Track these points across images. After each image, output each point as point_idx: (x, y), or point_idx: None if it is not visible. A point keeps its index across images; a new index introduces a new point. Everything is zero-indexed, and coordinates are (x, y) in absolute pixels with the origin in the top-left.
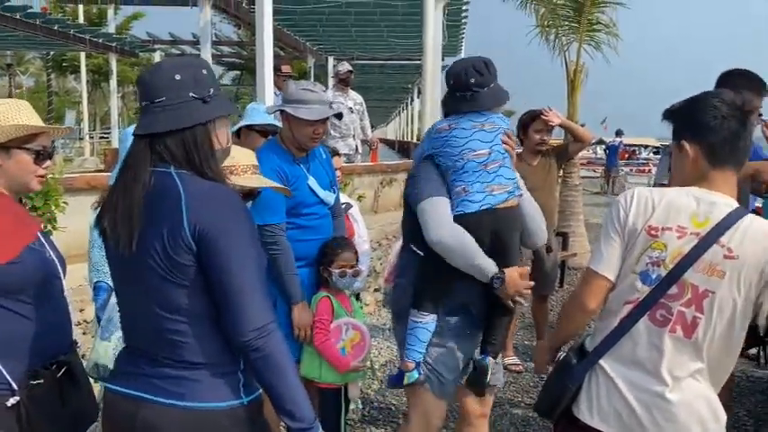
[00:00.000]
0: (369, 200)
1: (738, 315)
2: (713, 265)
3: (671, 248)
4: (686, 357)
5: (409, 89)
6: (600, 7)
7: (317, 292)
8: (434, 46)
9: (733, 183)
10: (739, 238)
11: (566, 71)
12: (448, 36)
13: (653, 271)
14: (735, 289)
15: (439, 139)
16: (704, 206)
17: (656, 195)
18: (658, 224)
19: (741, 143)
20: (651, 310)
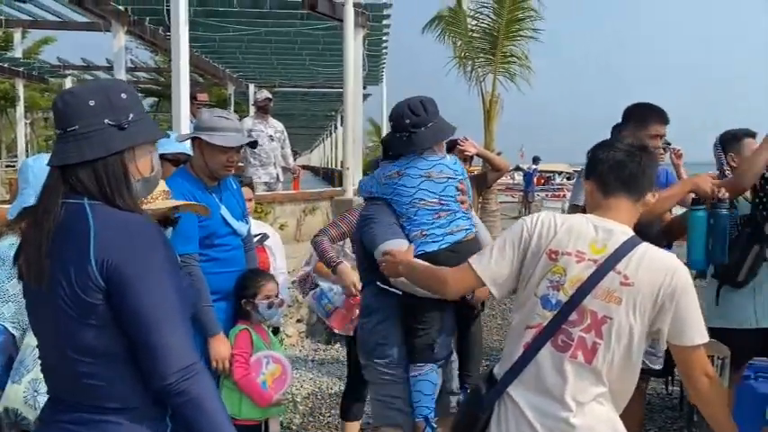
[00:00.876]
0: (291, 228)
1: (635, 340)
2: (610, 291)
3: (570, 273)
4: (588, 382)
5: (333, 116)
6: (513, 40)
7: (233, 325)
8: (355, 75)
9: (628, 210)
10: (635, 266)
11: (482, 102)
12: (369, 65)
13: (553, 295)
14: (631, 315)
15: (389, 185)
16: (602, 233)
17: (559, 220)
18: (558, 248)
19: (628, 171)
20: (554, 336)
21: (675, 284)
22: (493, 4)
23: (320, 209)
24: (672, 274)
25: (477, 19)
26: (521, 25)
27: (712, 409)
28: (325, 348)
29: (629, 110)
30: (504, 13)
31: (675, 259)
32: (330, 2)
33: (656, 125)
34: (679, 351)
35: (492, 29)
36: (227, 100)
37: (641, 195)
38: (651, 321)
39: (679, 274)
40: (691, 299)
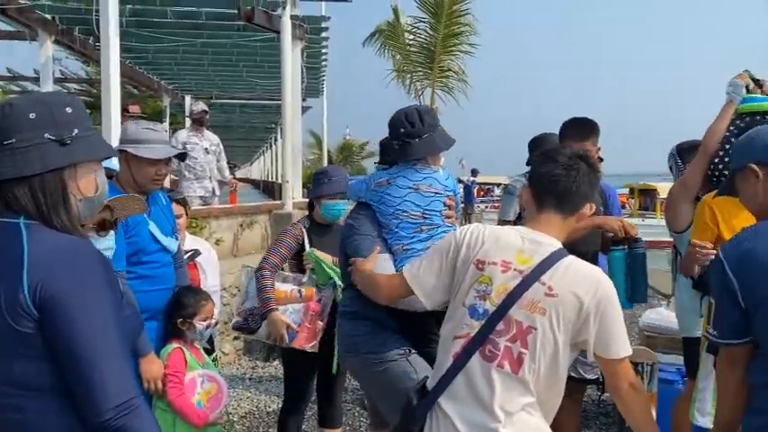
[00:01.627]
0: (227, 244)
1: (560, 351)
2: (535, 302)
3: (496, 283)
4: (516, 392)
5: (273, 129)
6: (450, 55)
7: (163, 345)
8: (293, 87)
9: (558, 225)
10: (559, 278)
11: None
12: (308, 78)
13: (480, 305)
14: (555, 326)
15: (377, 192)
16: (529, 244)
17: (488, 230)
18: (485, 258)
19: (561, 187)
20: (482, 346)
21: (600, 297)
22: (429, 19)
23: (258, 223)
24: (596, 286)
25: (414, 33)
26: (457, 40)
27: (636, 416)
28: (263, 366)
29: (566, 125)
30: (440, 28)
31: (600, 273)
32: (267, 14)
33: (593, 138)
34: (605, 363)
35: (429, 43)
36: (162, 112)
37: (573, 211)
38: (576, 333)
39: (603, 287)
40: (615, 312)
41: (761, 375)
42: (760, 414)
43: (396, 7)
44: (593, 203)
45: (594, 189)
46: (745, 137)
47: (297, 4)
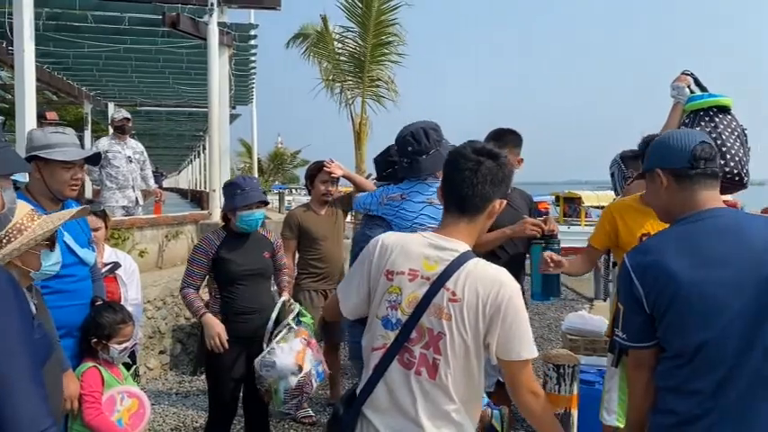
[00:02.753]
0: (152, 255)
1: (472, 354)
2: (441, 308)
3: (405, 292)
4: (437, 398)
5: (201, 137)
6: (379, 64)
7: (79, 363)
8: (221, 95)
9: (464, 229)
10: (462, 282)
11: (352, 123)
12: (236, 85)
13: (392, 315)
14: (462, 330)
15: (391, 207)
16: (435, 251)
17: (395, 239)
18: (393, 268)
19: (461, 193)
20: (399, 355)
21: (502, 298)
22: (357, 29)
23: (185, 233)
24: (498, 288)
25: (343, 42)
26: (386, 50)
27: (537, 419)
28: (190, 380)
29: (489, 136)
30: (368, 38)
31: (505, 274)
32: (193, 20)
33: (516, 149)
34: (506, 366)
35: (358, 53)
36: (83, 119)
37: (476, 213)
38: (483, 335)
39: (506, 289)
40: (518, 313)
41: (664, 378)
42: (664, 414)
43: (324, 16)
44: (502, 200)
45: (502, 185)
46: (660, 140)
47: (225, 11)
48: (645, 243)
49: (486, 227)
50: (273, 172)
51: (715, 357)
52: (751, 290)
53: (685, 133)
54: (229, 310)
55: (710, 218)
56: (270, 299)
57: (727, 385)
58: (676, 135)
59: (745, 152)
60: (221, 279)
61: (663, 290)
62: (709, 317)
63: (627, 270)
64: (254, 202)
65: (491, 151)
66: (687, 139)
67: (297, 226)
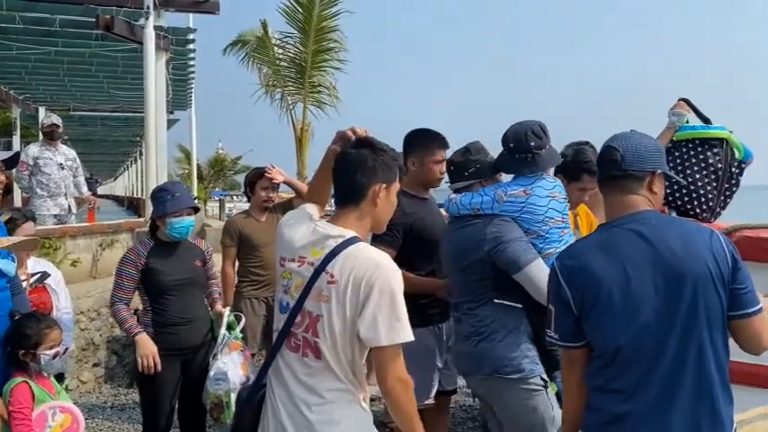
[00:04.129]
0: (86, 264)
1: (348, 336)
2: (320, 291)
3: (294, 278)
4: (323, 379)
5: (138, 142)
6: (320, 70)
7: (7, 379)
8: (158, 99)
9: (352, 216)
10: (340, 264)
11: (293, 129)
12: (174, 90)
13: (284, 299)
14: (339, 312)
15: (514, 203)
16: (323, 238)
17: (288, 228)
18: (286, 255)
19: (340, 185)
20: (288, 338)
21: (374, 281)
22: (298, 35)
23: (120, 242)
24: (373, 270)
25: (283, 48)
26: (327, 56)
27: (400, 412)
28: (126, 393)
29: (412, 137)
30: (309, 44)
31: (383, 258)
32: (128, 23)
33: (440, 150)
34: (373, 353)
35: (299, 58)
36: (12, 124)
37: (359, 200)
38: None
39: (380, 272)
40: (387, 298)
41: (592, 377)
42: (593, 412)
43: (264, 21)
44: (381, 183)
45: (377, 171)
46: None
47: (162, 15)
48: (571, 246)
49: (381, 212)
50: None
51: (633, 358)
52: (666, 292)
53: (609, 140)
54: (161, 322)
55: (631, 221)
56: (203, 309)
57: (645, 385)
58: (607, 143)
59: (719, 190)
60: (151, 290)
61: (587, 292)
62: (627, 319)
63: (555, 273)
64: (184, 207)
65: (370, 141)
66: (604, 146)
67: (237, 233)
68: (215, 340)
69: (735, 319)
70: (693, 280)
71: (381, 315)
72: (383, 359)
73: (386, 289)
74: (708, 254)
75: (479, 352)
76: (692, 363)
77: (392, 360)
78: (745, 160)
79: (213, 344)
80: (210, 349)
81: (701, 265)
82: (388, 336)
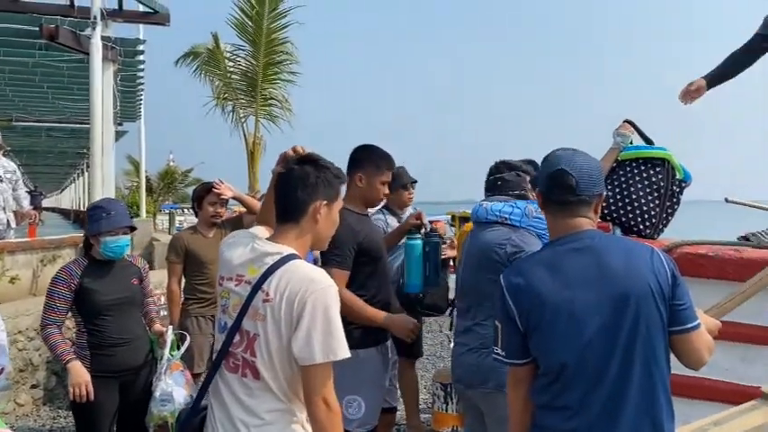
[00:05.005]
0: (25, 282)
1: (286, 354)
2: (257, 309)
3: (232, 297)
4: (262, 400)
5: (85, 154)
6: (272, 83)
7: None
8: (105, 111)
9: (292, 234)
10: (276, 282)
11: (245, 143)
12: (123, 101)
13: (223, 319)
14: (273, 330)
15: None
16: (260, 255)
17: (228, 247)
18: (224, 274)
19: (280, 204)
20: (226, 359)
21: (308, 298)
22: (249, 48)
23: (63, 257)
24: (307, 286)
25: (234, 61)
26: (278, 68)
27: None
28: (66, 415)
29: (361, 153)
30: (260, 57)
31: (320, 274)
32: (74, 33)
33: (389, 171)
34: (304, 372)
35: (251, 71)
36: None
37: (299, 217)
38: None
39: (314, 287)
40: (322, 315)
41: (538, 394)
42: (541, 430)
43: (215, 34)
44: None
45: (318, 188)
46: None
47: (109, 25)
48: (518, 263)
49: (322, 229)
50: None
51: (578, 375)
52: (609, 310)
53: (553, 159)
54: (97, 344)
55: (575, 241)
56: (141, 328)
57: (590, 401)
58: (547, 161)
59: (662, 207)
60: (86, 311)
61: (532, 309)
62: (572, 336)
63: (502, 290)
64: (119, 227)
65: (313, 158)
66: (548, 166)
67: (183, 249)
68: (155, 360)
69: (675, 334)
70: (636, 297)
71: (316, 332)
72: (313, 379)
73: (320, 305)
74: (649, 271)
75: (488, 366)
76: (635, 379)
77: (322, 381)
78: (685, 180)
79: (153, 364)
80: (151, 370)
81: (643, 282)
82: (323, 353)
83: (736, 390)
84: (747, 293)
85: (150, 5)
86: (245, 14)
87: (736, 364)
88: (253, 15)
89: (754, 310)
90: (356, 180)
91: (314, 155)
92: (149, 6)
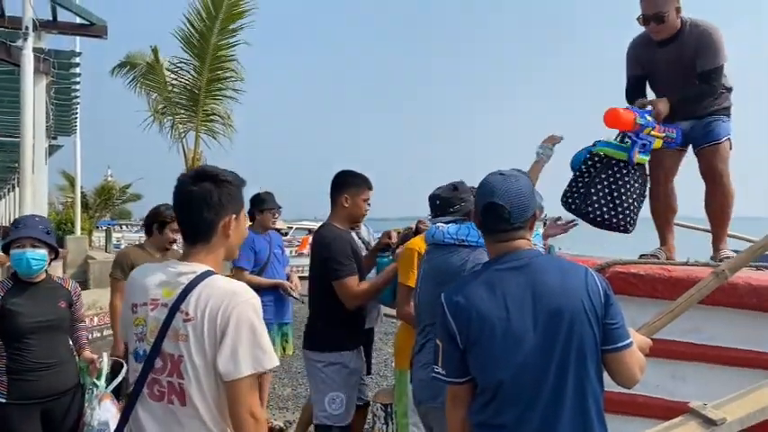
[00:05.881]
0: None
1: (213, 372)
2: (177, 330)
3: (149, 322)
4: (192, 427)
5: (16, 168)
6: (215, 99)
7: None
8: (36, 124)
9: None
10: (195, 300)
11: (184, 158)
12: (57, 115)
13: (140, 347)
14: (198, 349)
15: None
16: (174, 276)
17: (139, 273)
18: (137, 300)
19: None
20: (148, 388)
21: (231, 311)
22: (193, 61)
23: None
24: (229, 300)
25: (176, 74)
26: (222, 85)
27: None
28: None
29: (344, 177)
30: (205, 72)
31: (240, 287)
32: (4, 44)
33: (368, 190)
34: (229, 386)
35: (193, 85)
36: None
37: (210, 236)
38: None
39: (237, 300)
40: (246, 327)
41: (476, 413)
42: None
43: (155, 47)
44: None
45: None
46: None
47: (42, 37)
48: (459, 282)
49: (234, 241)
50: (100, 207)
51: (514, 393)
52: (544, 328)
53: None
54: (17, 369)
55: (513, 260)
56: (68, 353)
57: (526, 419)
58: (481, 189)
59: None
60: (7, 334)
61: (471, 327)
62: (509, 354)
63: (443, 308)
64: (24, 236)
65: (210, 173)
66: (482, 196)
67: (129, 267)
68: (82, 388)
69: (607, 353)
70: (570, 315)
71: (242, 345)
72: (239, 394)
73: (244, 318)
74: (583, 290)
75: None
76: (569, 396)
77: (248, 393)
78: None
79: (80, 391)
80: (75, 398)
81: (577, 301)
82: (251, 365)
83: (666, 406)
84: (676, 312)
85: (86, 17)
86: (192, 28)
87: (667, 380)
88: (201, 30)
89: (684, 328)
90: (342, 201)
91: (209, 169)
92: (85, 18)
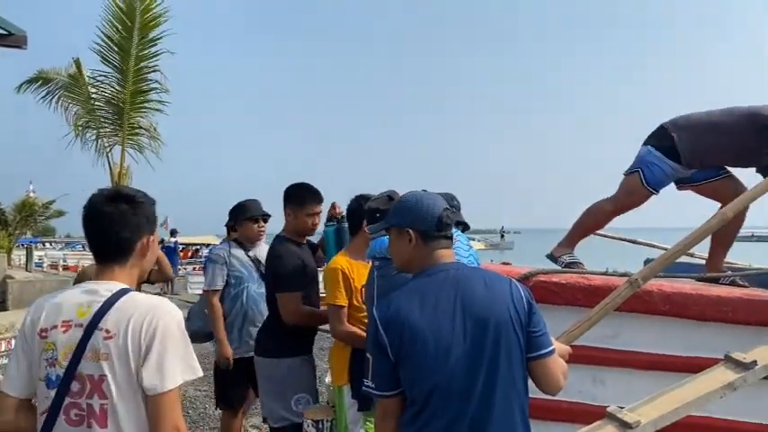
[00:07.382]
0: None
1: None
2: (97, 349)
3: (60, 345)
4: None
5: None
6: (140, 112)
7: None
8: None
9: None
10: (115, 317)
11: (110, 174)
12: None
13: (52, 373)
14: (123, 367)
15: None
16: (88, 296)
17: (50, 298)
18: (47, 325)
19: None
20: (65, 414)
21: (156, 325)
22: (115, 74)
23: None
24: (153, 314)
25: (98, 87)
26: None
27: None
28: None
29: (290, 190)
30: (128, 84)
31: (161, 301)
32: None
33: (313, 204)
34: (152, 401)
35: (116, 99)
36: None
37: (126, 256)
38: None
39: (160, 313)
40: (171, 340)
41: (405, 426)
42: None
43: (77, 59)
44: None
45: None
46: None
47: None
48: (390, 296)
49: (149, 260)
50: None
51: (444, 402)
52: (471, 337)
53: (433, 200)
54: None
55: (441, 271)
56: None
57: (455, 428)
58: (426, 201)
59: None
60: None
61: (402, 337)
62: (439, 363)
63: (374, 321)
64: None
65: (126, 195)
66: (435, 207)
67: None
68: None
69: (532, 360)
70: (496, 324)
71: (168, 357)
72: (163, 406)
73: (169, 330)
74: (508, 299)
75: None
76: (497, 404)
77: (172, 407)
78: None
79: None
80: None
81: (503, 309)
82: (180, 375)
83: (588, 410)
84: (593, 320)
85: (4, 26)
86: (110, 41)
87: (588, 386)
88: (120, 42)
89: (603, 334)
90: (286, 214)
91: (122, 189)
92: (3, 27)
